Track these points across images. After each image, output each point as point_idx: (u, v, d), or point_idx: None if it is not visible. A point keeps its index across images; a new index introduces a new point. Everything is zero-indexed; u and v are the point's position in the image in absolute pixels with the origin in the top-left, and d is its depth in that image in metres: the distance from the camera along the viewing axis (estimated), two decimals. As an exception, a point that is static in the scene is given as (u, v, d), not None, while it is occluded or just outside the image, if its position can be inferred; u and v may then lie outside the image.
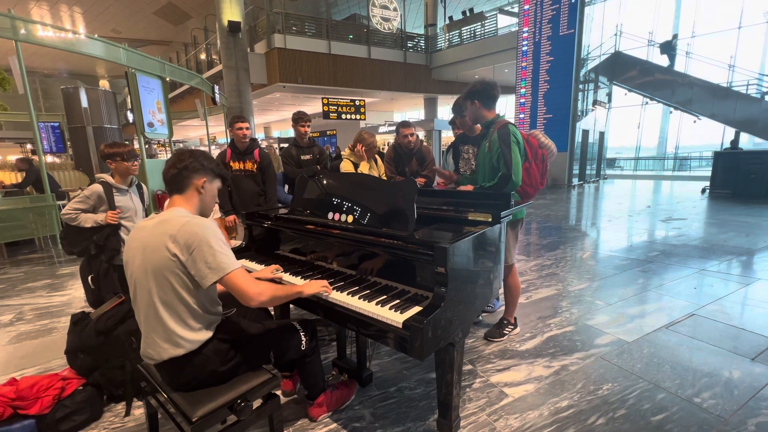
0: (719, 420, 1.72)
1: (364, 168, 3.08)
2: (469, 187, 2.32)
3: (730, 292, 3.19)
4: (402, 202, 1.60)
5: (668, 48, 11.70)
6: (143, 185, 2.71)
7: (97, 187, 2.40)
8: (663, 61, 11.92)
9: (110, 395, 1.93)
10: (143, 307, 1.30)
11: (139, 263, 1.28)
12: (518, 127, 2.25)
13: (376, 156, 3.25)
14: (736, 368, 2.11)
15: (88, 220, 2.36)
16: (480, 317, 2.83)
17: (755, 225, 5.67)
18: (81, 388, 1.83)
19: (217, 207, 3.11)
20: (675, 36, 11.78)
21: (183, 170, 1.37)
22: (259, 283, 1.33)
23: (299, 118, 3.37)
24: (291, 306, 2.15)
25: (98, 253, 2.40)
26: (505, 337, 2.52)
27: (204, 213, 1.45)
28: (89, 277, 2.43)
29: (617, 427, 1.70)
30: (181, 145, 24.38)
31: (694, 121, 12.13)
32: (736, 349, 2.31)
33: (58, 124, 10.56)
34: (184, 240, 1.23)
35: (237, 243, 2.36)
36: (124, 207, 2.46)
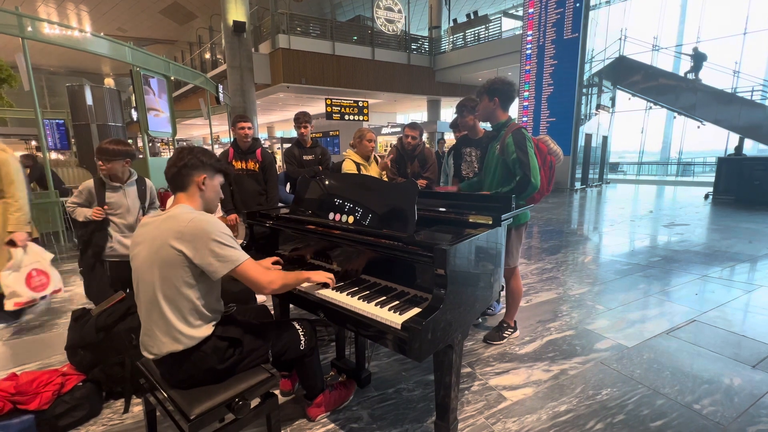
0: (719, 427, 1.72)
1: (372, 171, 3.07)
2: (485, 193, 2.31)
3: (732, 298, 3.17)
4: (403, 203, 1.61)
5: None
6: (147, 180, 2.62)
7: (89, 183, 2.40)
8: (667, 65, 12.02)
9: (109, 392, 1.94)
10: (145, 300, 1.32)
11: (144, 258, 1.30)
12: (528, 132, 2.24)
13: (376, 156, 3.25)
14: (737, 375, 2.10)
15: (81, 215, 2.37)
16: (480, 320, 2.82)
17: (758, 231, 5.64)
18: (80, 384, 1.84)
19: (219, 206, 3.10)
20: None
21: (182, 168, 1.38)
22: (270, 272, 1.39)
23: (298, 119, 3.42)
24: (291, 305, 2.16)
25: (84, 248, 2.41)
26: (505, 340, 2.51)
27: (209, 209, 1.47)
28: (80, 271, 2.45)
29: (616, 433, 1.70)
30: (185, 143, 24.42)
31: (698, 127, 12.08)
32: (737, 356, 2.30)
33: (62, 121, 10.62)
34: (191, 236, 1.25)
35: (238, 242, 2.36)
36: (115, 203, 2.42)
